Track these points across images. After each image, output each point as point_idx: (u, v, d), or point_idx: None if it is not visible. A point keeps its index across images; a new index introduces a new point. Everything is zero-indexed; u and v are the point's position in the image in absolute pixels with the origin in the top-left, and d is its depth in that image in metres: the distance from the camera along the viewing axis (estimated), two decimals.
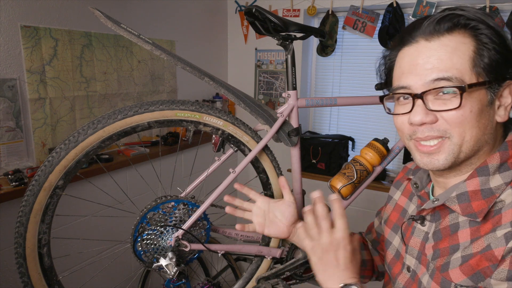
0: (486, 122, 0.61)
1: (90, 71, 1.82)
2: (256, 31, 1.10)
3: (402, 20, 2.21)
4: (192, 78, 2.49)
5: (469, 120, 0.60)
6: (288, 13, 2.56)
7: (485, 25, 0.60)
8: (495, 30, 0.60)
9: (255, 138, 1.05)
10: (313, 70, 2.73)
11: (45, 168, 0.86)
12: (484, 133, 0.62)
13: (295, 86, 1.13)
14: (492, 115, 0.62)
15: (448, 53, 0.59)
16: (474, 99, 0.59)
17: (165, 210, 1.02)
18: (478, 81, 0.59)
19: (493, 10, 1.97)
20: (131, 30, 0.90)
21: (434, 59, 0.60)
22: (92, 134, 0.87)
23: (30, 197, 0.87)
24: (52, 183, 0.87)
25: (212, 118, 0.97)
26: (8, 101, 1.50)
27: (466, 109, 0.59)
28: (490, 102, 0.60)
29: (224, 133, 1.00)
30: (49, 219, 0.92)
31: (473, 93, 0.59)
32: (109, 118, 0.88)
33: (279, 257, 1.19)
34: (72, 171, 0.89)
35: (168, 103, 0.93)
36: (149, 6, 2.10)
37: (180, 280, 1.06)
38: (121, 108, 0.90)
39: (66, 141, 0.87)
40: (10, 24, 1.48)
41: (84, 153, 0.88)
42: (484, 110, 0.60)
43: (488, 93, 0.60)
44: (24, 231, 0.88)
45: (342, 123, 2.69)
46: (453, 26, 0.60)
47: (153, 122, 0.92)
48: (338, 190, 1.15)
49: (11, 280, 1.52)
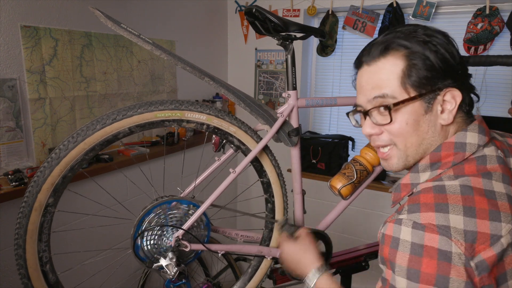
0: (426, 128, 0.69)
1: (90, 71, 1.82)
2: (256, 31, 1.10)
3: (402, 20, 2.20)
4: (192, 78, 2.49)
5: (407, 131, 0.69)
6: (288, 13, 2.56)
7: (413, 47, 0.67)
8: (422, 50, 0.67)
9: (242, 128, 1.03)
10: (313, 70, 2.73)
11: (32, 188, 0.85)
12: (425, 138, 0.70)
13: (295, 86, 1.13)
14: (433, 121, 0.69)
15: (383, 74, 0.69)
16: (407, 113, 0.68)
17: (165, 210, 1.02)
18: (410, 96, 0.67)
19: (493, 10, 1.97)
20: (131, 30, 0.90)
21: (373, 81, 0.71)
22: (74, 148, 0.86)
23: (23, 219, 0.86)
24: (42, 202, 0.86)
25: (194, 114, 0.96)
26: (8, 101, 1.50)
27: (402, 122, 0.69)
28: (427, 111, 0.68)
29: (209, 127, 0.99)
30: (47, 237, 0.91)
31: (405, 108, 0.68)
32: (88, 130, 0.87)
33: (279, 257, 1.19)
34: (60, 187, 0.88)
35: (146, 105, 0.91)
36: (149, 6, 2.10)
37: (180, 280, 1.06)
38: (99, 118, 0.88)
39: (48, 158, 0.86)
40: (10, 24, 1.48)
41: (69, 168, 0.87)
42: (422, 119, 0.68)
43: (423, 104, 0.68)
44: (23, 252, 0.88)
45: (342, 123, 2.69)
46: (385, 51, 0.69)
47: (134, 126, 0.91)
48: (338, 190, 1.15)
49: (11, 280, 1.52)
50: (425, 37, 0.67)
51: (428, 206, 0.61)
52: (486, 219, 0.58)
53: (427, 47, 0.66)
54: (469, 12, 2.09)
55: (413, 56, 0.67)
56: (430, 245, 0.57)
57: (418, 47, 0.67)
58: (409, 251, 0.59)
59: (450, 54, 0.67)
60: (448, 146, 0.68)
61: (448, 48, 0.67)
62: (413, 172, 0.72)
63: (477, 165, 0.65)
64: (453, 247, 0.56)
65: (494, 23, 1.97)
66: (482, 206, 0.59)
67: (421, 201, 0.62)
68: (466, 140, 0.68)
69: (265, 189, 1.13)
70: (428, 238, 0.58)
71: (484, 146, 0.68)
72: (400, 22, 2.20)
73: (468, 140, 0.67)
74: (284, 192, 1.16)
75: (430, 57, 0.66)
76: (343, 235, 2.62)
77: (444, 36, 0.69)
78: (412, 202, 0.63)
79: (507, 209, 0.60)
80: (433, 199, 0.61)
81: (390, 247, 0.62)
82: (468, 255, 0.56)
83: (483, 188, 0.61)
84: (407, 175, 0.74)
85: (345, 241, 2.60)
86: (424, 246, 0.58)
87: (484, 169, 0.64)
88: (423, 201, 0.62)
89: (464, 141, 0.67)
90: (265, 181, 1.12)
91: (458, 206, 0.59)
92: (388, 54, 0.69)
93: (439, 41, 0.67)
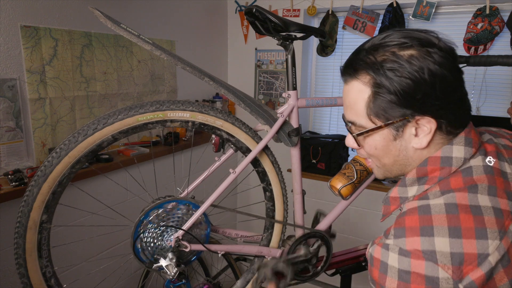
0: (396, 152, 0.68)
1: (90, 71, 1.82)
2: (256, 31, 1.10)
3: (402, 20, 2.20)
4: (192, 78, 2.49)
5: (378, 153, 0.70)
6: (288, 13, 2.56)
7: (377, 76, 0.63)
8: (387, 80, 0.62)
9: (228, 120, 1.02)
10: (313, 70, 2.73)
11: (24, 208, 0.85)
12: (397, 160, 0.69)
13: (295, 86, 1.13)
14: (404, 145, 0.67)
15: (353, 95, 0.67)
16: (375, 139, 0.68)
17: (165, 211, 1.02)
18: (376, 125, 0.66)
19: (493, 10, 1.97)
20: (131, 30, 0.90)
21: (347, 100, 0.70)
22: (59, 163, 0.86)
23: (19, 239, 0.86)
24: (36, 220, 0.86)
25: (177, 113, 0.94)
26: (8, 101, 1.50)
27: (371, 147, 0.69)
28: (396, 137, 0.66)
29: (194, 124, 0.98)
30: (47, 253, 0.91)
31: (372, 135, 0.68)
32: (70, 143, 0.86)
33: (279, 257, 1.19)
34: (52, 203, 0.88)
35: (126, 110, 0.90)
36: (149, 6, 2.10)
37: (180, 281, 1.06)
38: (80, 129, 0.88)
39: (35, 176, 0.86)
40: (10, 24, 1.48)
41: (57, 184, 0.87)
42: (391, 144, 0.67)
43: (392, 131, 0.66)
44: (25, 271, 0.88)
45: (342, 123, 2.69)
46: (355, 72, 0.66)
47: (117, 133, 0.90)
48: (338, 190, 1.15)
49: (11, 280, 1.52)
50: (393, 59, 0.62)
51: (413, 231, 0.60)
52: (472, 238, 0.57)
53: (394, 73, 0.61)
54: (469, 12, 2.09)
55: (377, 85, 0.63)
56: (417, 271, 0.57)
57: (383, 75, 0.62)
58: (397, 278, 0.59)
59: (422, 76, 0.60)
60: (434, 161, 0.66)
61: (421, 68, 0.60)
62: (400, 186, 0.71)
63: (463, 177, 0.64)
64: (440, 272, 0.56)
65: (494, 23, 1.97)
66: (467, 224, 0.58)
67: (407, 224, 0.61)
68: (452, 154, 0.66)
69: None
70: (414, 264, 0.57)
71: (471, 158, 0.65)
72: (400, 22, 2.20)
73: (454, 154, 0.65)
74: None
75: (397, 85, 0.61)
76: (343, 235, 2.62)
77: (420, 47, 0.62)
78: (398, 226, 0.63)
79: (493, 225, 0.58)
80: (418, 222, 0.61)
81: (379, 271, 0.61)
82: (456, 278, 0.55)
83: (469, 204, 0.60)
84: (395, 188, 0.72)
85: (345, 241, 2.60)
86: (411, 272, 0.57)
87: (470, 181, 0.63)
88: (409, 224, 0.61)
89: (450, 155, 0.66)
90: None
91: (443, 227, 0.58)
92: (358, 75, 0.66)
93: (411, 61, 0.61)
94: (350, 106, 0.69)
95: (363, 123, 0.67)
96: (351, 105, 0.68)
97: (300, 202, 1.20)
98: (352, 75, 0.67)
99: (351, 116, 0.69)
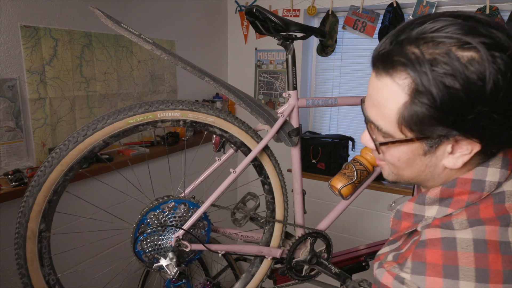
0: (422, 167, 0.58)
1: (90, 71, 1.82)
2: (256, 31, 1.10)
3: (403, 20, 2.20)
4: (192, 78, 2.49)
5: (400, 165, 0.59)
6: (288, 13, 2.56)
7: (423, 80, 0.48)
8: (435, 87, 0.48)
9: (220, 116, 1.00)
10: (313, 70, 2.73)
11: (21, 218, 0.85)
12: (420, 174, 0.59)
13: (295, 86, 1.13)
14: (433, 162, 0.57)
15: (384, 94, 0.54)
16: (401, 151, 0.57)
17: (165, 210, 1.02)
18: (406, 137, 0.55)
19: (493, 10, 1.97)
20: (131, 29, 0.90)
21: (376, 97, 0.56)
22: (51, 172, 0.86)
23: (19, 249, 0.86)
24: (34, 230, 0.86)
25: (167, 112, 0.94)
26: (8, 101, 1.50)
27: (394, 157, 0.59)
28: (426, 153, 0.56)
29: (186, 122, 0.97)
30: (48, 261, 0.91)
31: (399, 146, 0.56)
32: (61, 151, 0.86)
33: (280, 257, 1.19)
34: (49, 211, 0.88)
35: (115, 114, 0.90)
36: (149, 6, 2.10)
37: (180, 280, 1.06)
38: (70, 136, 0.87)
39: (29, 187, 0.85)
40: (10, 24, 1.48)
41: (52, 192, 0.87)
42: (418, 159, 0.57)
43: (424, 146, 0.55)
44: (28, 280, 0.88)
45: (342, 123, 2.69)
46: (392, 68, 0.52)
47: (108, 138, 0.89)
48: (339, 190, 1.15)
49: (11, 280, 1.52)
50: (446, 60, 0.47)
51: (436, 269, 0.53)
52: (499, 283, 0.51)
53: (443, 82, 0.47)
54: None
55: (418, 93, 0.49)
56: None
57: (429, 82, 0.48)
58: None
59: (482, 91, 0.46)
60: (464, 183, 0.57)
61: (481, 79, 0.46)
62: (417, 203, 0.61)
63: (494, 204, 0.55)
64: None
65: None
66: (496, 267, 0.51)
67: (427, 260, 0.54)
68: (486, 177, 0.56)
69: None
70: None
71: (505, 181, 0.56)
72: (400, 22, 2.19)
73: (488, 178, 0.56)
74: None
75: (445, 100, 0.47)
76: (343, 235, 2.62)
77: (486, 50, 0.46)
78: (418, 259, 0.55)
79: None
80: (442, 259, 0.53)
81: None
82: None
83: (498, 240, 0.52)
84: (411, 204, 0.62)
85: (345, 241, 2.60)
86: None
87: (502, 209, 0.55)
88: (430, 260, 0.54)
89: (483, 179, 0.56)
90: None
91: (470, 269, 0.51)
92: (394, 72, 0.52)
93: (470, 67, 0.46)
94: (377, 105, 0.56)
95: (391, 130, 0.56)
96: (378, 104, 0.56)
97: (301, 202, 1.20)
98: (386, 69, 0.52)
99: (376, 117, 0.57)
